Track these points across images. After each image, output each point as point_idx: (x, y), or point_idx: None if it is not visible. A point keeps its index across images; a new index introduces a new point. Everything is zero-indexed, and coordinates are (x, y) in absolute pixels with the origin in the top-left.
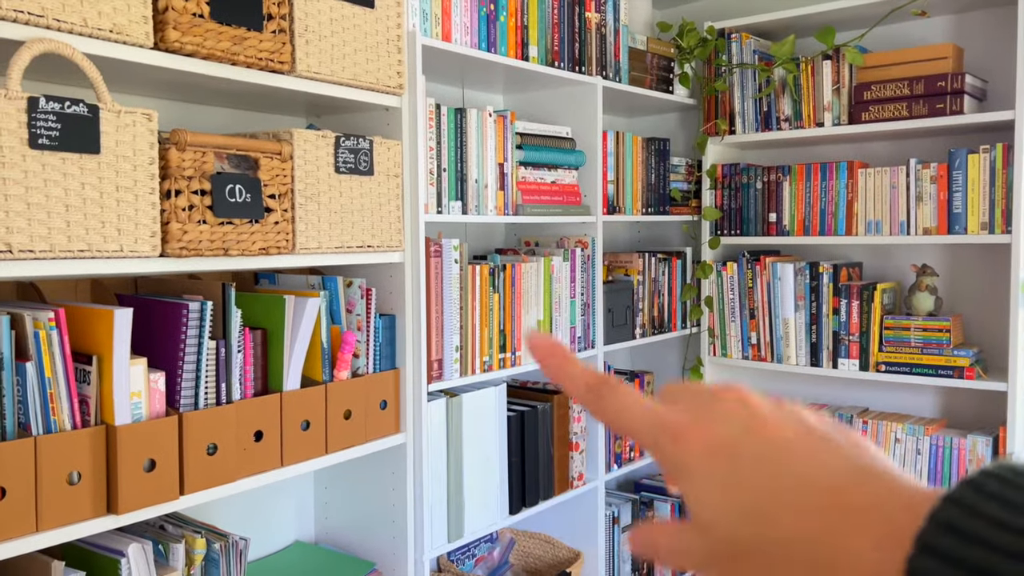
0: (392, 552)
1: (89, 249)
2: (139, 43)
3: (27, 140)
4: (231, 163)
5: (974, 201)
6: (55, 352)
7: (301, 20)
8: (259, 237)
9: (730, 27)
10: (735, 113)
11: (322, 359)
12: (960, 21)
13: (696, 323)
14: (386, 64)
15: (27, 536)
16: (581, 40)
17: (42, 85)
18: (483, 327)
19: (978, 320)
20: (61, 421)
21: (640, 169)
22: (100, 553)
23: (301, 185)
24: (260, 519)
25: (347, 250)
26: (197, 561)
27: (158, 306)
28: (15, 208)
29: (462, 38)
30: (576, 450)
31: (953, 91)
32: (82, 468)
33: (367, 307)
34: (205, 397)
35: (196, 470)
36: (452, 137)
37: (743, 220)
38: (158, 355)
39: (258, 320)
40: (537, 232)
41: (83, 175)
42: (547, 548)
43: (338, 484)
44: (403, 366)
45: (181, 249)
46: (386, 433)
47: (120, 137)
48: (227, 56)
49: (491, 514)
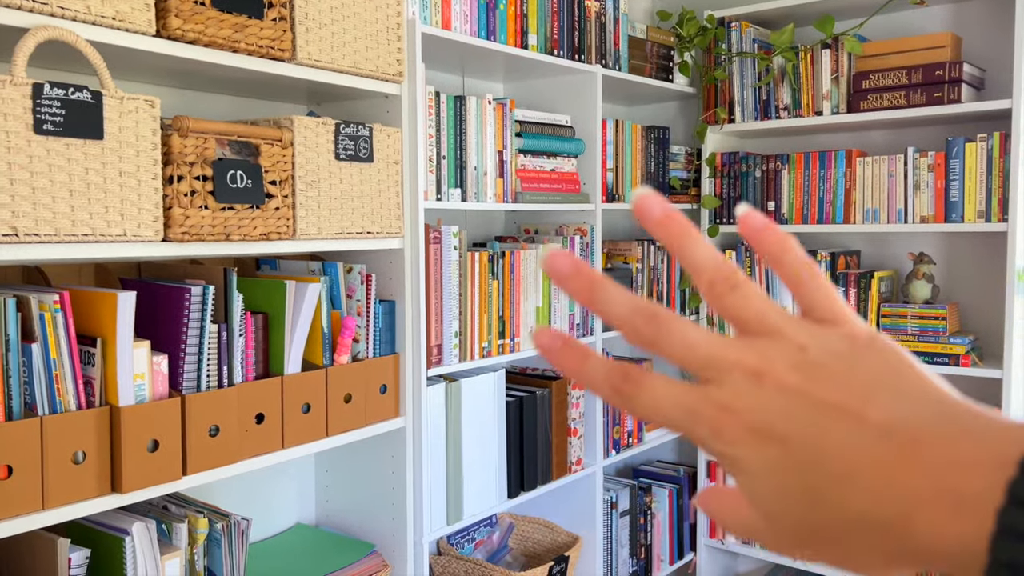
0: (392, 534)
1: (93, 233)
2: (142, 30)
3: (32, 126)
4: (232, 149)
5: (971, 190)
6: (60, 334)
7: (301, 8)
8: (260, 223)
9: (730, 16)
10: (734, 102)
11: (322, 343)
12: (958, 10)
13: (695, 310)
14: (386, 52)
15: (33, 513)
16: (581, 28)
17: (46, 72)
18: (482, 313)
19: (974, 308)
20: (66, 402)
21: (639, 157)
22: (104, 531)
23: (301, 171)
24: (262, 502)
25: (347, 236)
26: (200, 541)
27: (161, 290)
28: (20, 193)
29: (462, 26)
30: (575, 436)
31: (951, 80)
32: (87, 448)
33: (367, 293)
34: (207, 379)
35: (198, 451)
36: (451, 125)
37: None
38: (161, 338)
39: (259, 305)
40: (536, 220)
41: (87, 160)
42: (546, 532)
43: (339, 467)
44: (403, 351)
45: (183, 234)
46: (386, 417)
47: (123, 123)
48: (228, 44)
49: (490, 498)
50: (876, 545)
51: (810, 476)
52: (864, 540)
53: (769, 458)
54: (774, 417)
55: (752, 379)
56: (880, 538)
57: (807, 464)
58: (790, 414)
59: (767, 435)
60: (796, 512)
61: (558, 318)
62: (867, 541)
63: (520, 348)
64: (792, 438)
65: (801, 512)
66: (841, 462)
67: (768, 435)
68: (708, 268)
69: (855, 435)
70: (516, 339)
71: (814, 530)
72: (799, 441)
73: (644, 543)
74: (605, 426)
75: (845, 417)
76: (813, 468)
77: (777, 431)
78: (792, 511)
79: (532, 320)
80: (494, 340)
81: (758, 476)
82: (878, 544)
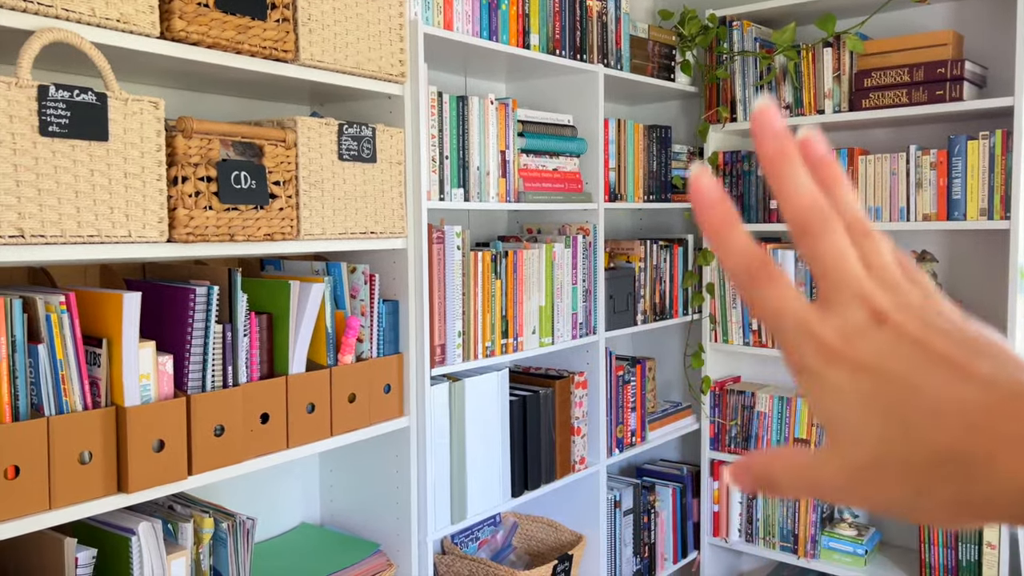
0: (396, 533)
1: (98, 234)
2: (146, 32)
3: (37, 127)
4: (236, 150)
5: (973, 187)
6: (66, 335)
7: (304, 9)
8: (264, 223)
9: (731, 15)
10: (736, 100)
11: (326, 343)
12: (960, 8)
13: (698, 309)
14: (388, 52)
15: (40, 513)
16: (582, 28)
17: (51, 74)
18: (485, 313)
19: (977, 305)
20: (72, 402)
21: (642, 156)
22: (111, 531)
23: (305, 172)
24: (267, 501)
25: (351, 236)
26: (205, 540)
27: (166, 290)
28: (26, 194)
29: (463, 26)
30: (578, 435)
31: (953, 78)
32: (93, 448)
33: (371, 292)
34: (212, 380)
35: (204, 451)
36: (454, 125)
37: (744, 207)
38: (166, 338)
39: (264, 305)
40: (539, 219)
41: (92, 162)
42: (550, 531)
43: (343, 467)
44: (406, 351)
45: (188, 235)
46: (390, 416)
47: (128, 125)
48: (232, 45)
49: (494, 497)
50: (950, 484)
51: (904, 408)
52: (940, 476)
53: (863, 388)
54: (885, 358)
55: (874, 319)
56: (958, 475)
57: (903, 399)
58: (901, 358)
59: (871, 369)
60: (874, 441)
61: (561, 318)
62: (942, 477)
63: (523, 347)
64: (895, 377)
65: (881, 441)
66: (937, 400)
67: (872, 370)
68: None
69: (958, 382)
70: (519, 338)
71: (887, 462)
72: (901, 380)
73: (648, 542)
74: (608, 425)
75: (953, 369)
76: (908, 402)
77: (883, 368)
78: (871, 440)
79: (535, 320)
80: (497, 339)
81: (847, 402)
82: (953, 482)
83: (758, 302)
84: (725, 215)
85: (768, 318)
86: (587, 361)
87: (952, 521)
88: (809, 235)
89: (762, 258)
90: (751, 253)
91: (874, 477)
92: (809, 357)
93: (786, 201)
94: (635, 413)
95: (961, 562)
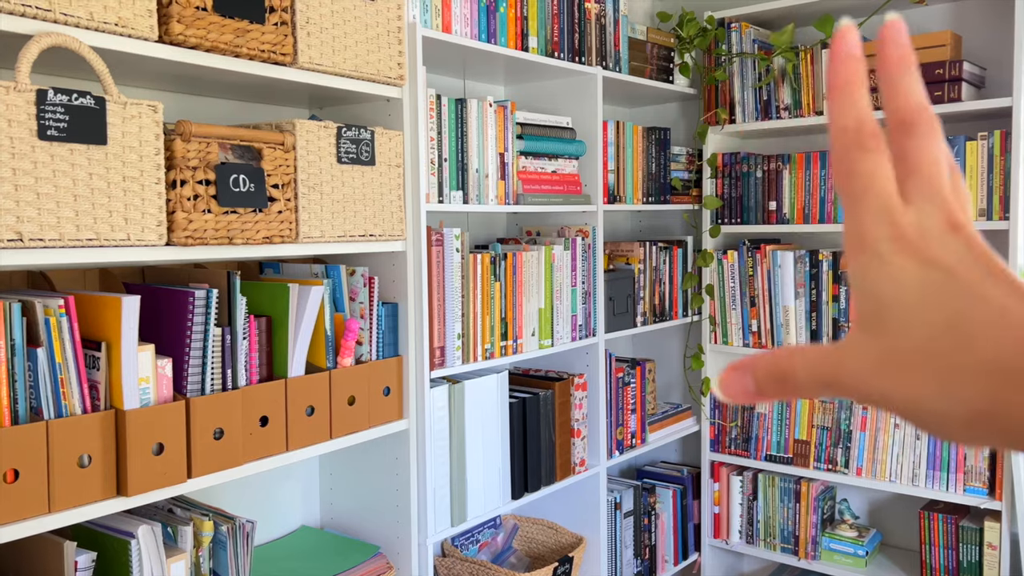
0: (396, 536)
1: (97, 238)
2: (144, 36)
3: (36, 131)
4: (235, 153)
5: (972, 188)
6: (65, 338)
7: (303, 12)
8: (263, 226)
9: (729, 16)
10: (735, 102)
11: (326, 346)
12: (958, 9)
13: (697, 311)
14: (387, 55)
15: (40, 517)
16: (581, 30)
17: (50, 78)
18: (484, 315)
19: None
20: (72, 405)
21: (641, 158)
22: (110, 534)
23: (304, 175)
24: (266, 504)
25: (350, 239)
26: (205, 543)
27: (165, 294)
28: (25, 198)
29: (462, 29)
30: (578, 436)
31: (951, 78)
32: (92, 451)
33: (370, 295)
34: (211, 383)
35: (203, 454)
36: (453, 127)
37: (743, 209)
38: (165, 342)
39: (263, 308)
40: (538, 221)
41: (91, 166)
42: (550, 533)
43: (343, 470)
44: (405, 353)
45: (187, 238)
46: (389, 419)
47: (126, 128)
48: (230, 48)
49: (494, 499)
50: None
51: (970, 313)
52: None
53: (931, 280)
54: (956, 262)
55: (950, 226)
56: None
57: (970, 304)
58: (970, 266)
59: (943, 268)
60: (926, 333)
61: (561, 320)
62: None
63: (523, 349)
64: (964, 282)
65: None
66: (1003, 312)
67: (944, 269)
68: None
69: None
70: (519, 340)
71: (930, 356)
72: (970, 287)
73: (648, 544)
74: (608, 427)
75: (1013, 287)
76: (975, 307)
77: (954, 271)
78: (922, 331)
79: (535, 322)
80: (497, 342)
81: (909, 289)
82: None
83: (853, 168)
84: (859, 72)
85: (853, 188)
86: (587, 363)
87: (963, 430)
88: (912, 134)
89: (876, 127)
90: (868, 118)
91: (908, 366)
92: (882, 240)
93: (896, 99)
94: (635, 415)
95: (962, 563)
